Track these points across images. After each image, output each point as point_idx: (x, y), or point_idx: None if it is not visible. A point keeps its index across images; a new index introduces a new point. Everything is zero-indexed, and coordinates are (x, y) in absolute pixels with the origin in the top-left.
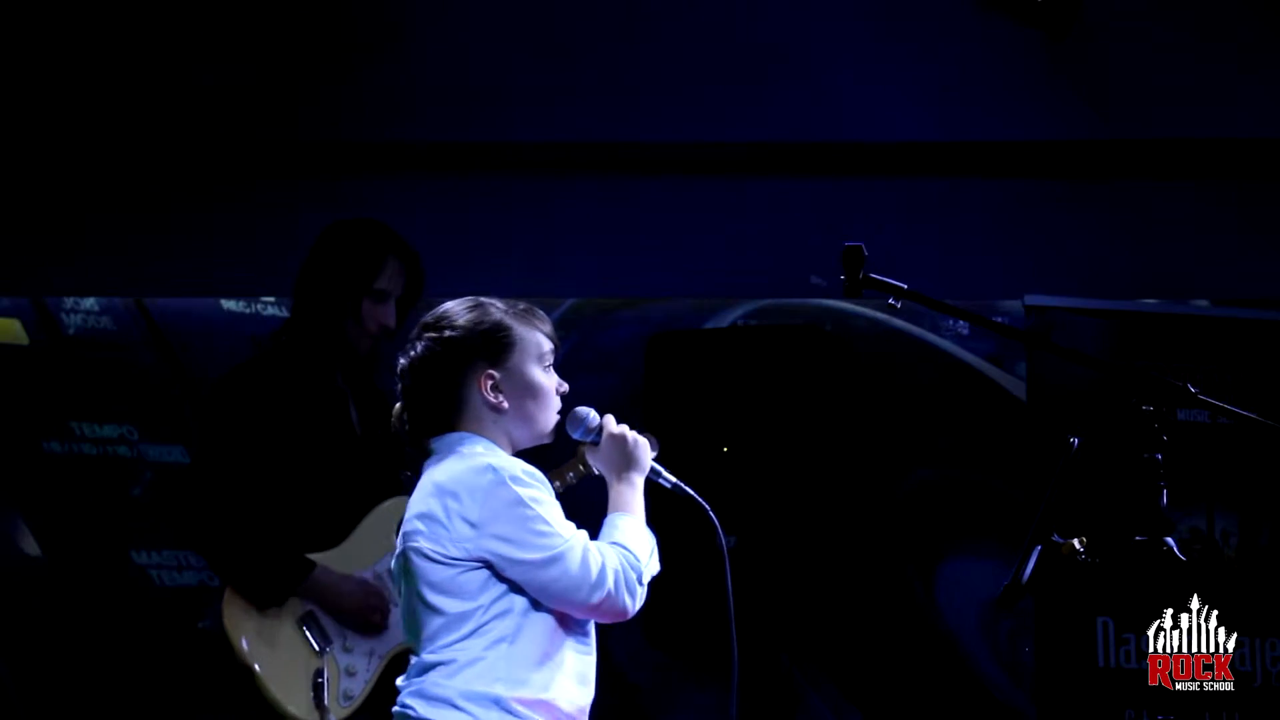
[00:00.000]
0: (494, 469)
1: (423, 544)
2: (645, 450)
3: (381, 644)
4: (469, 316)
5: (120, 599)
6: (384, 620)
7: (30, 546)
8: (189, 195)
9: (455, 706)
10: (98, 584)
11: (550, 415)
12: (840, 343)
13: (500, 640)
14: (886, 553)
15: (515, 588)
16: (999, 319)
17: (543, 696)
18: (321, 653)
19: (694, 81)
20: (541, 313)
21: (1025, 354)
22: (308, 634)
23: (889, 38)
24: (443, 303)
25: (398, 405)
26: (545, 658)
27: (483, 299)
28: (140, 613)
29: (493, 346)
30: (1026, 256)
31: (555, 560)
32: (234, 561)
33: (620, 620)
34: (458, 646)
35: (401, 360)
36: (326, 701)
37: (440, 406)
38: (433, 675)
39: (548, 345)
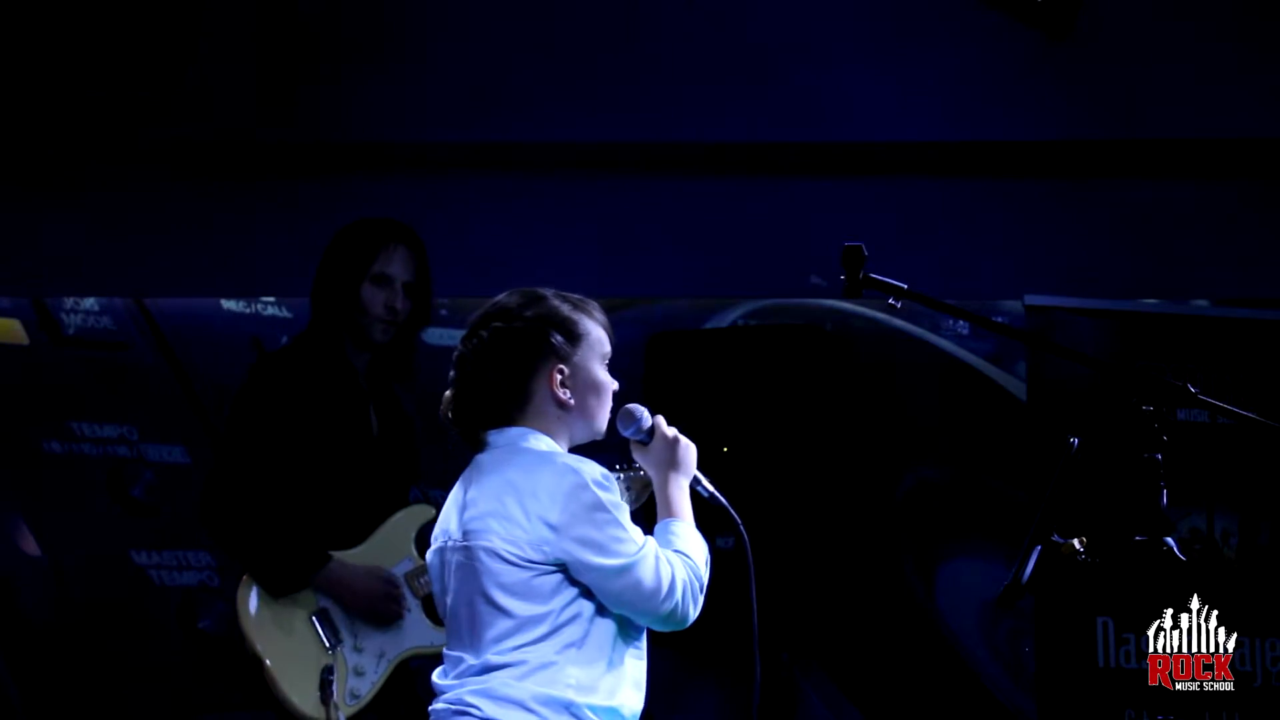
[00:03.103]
0: (576, 471)
1: (497, 544)
2: (693, 455)
3: (392, 646)
4: (540, 309)
5: (120, 599)
6: (400, 609)
7: (30, 546)
8: (189, 195)
9: (527, 709)
10: (98, 584)
11: (606, 413)
12: (840, 343)
13: (570, 645)
14: (886, 552)
15: (585, 592)
16: (999, 319)
17: (610, 703)
18: (331, 650)
19: (694, 81)
20: (599, 306)
21: (1025, 354)
22: (319, 630)
23: (889, 37)
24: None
25: (448, 394)
26: (610, 664)
27: (540, 290)
28: (140, 613)
29: (564, 341)
30: (1026, 256)
31: (630, 569)
32: (254, 549)
33: (680, 629)
34: (529, 649)
35: (462, 348)
36: (334, 699)
37: (503, 398)
38: (501, 675)
39: (608, 344)
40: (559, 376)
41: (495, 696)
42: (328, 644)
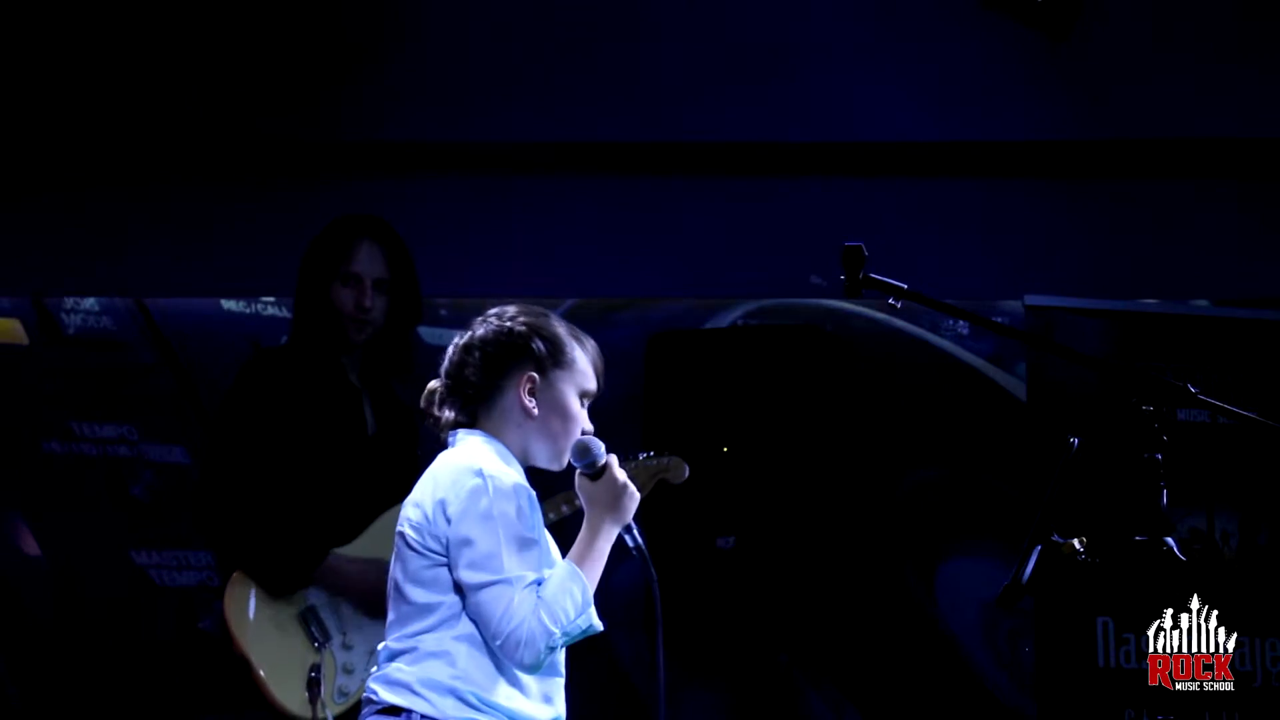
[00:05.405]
0: (483, 474)
1: (408, 531)
2: (633, 505)
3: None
4: (535, 320)
5: (120, 599)
6: None
7: (30, 546)
8: (189, 195)
9: (413, 692)
10: (98, 584)
11: (568, 444)
12: (840, 343)
13: (464, 638)
14: (886, 553)
15: None
16: (999, 319)
17: (508, 705)
18: (320, 648)
19: (694, 81)
20: (598, 350)
21: (1025, 354)
22: (308, 628)
23: (889, 38)
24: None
25: (434, 381)
26: (507, 670)
27: (551, 313)
28: (140, 613)
29: (547, 356)
30: (1026, 256)
31: (483, 588)
32: (250, 549)
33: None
34: (422, 636)
35: (456, 339)
36: (321, 696)
37: (474, 392)
38: (397, 662)
39: (592, 383)
40: (529, 384)
41: (389, 681)
42: (315, 642)
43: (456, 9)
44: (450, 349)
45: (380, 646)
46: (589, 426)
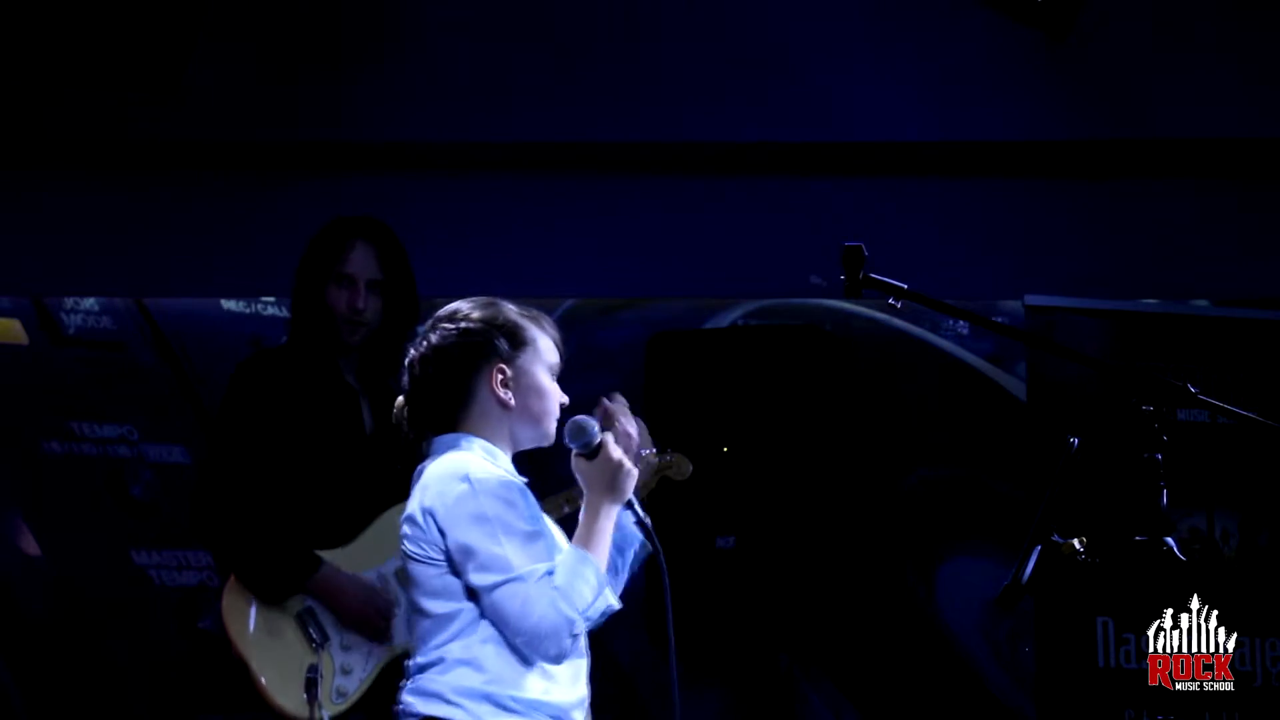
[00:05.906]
0: (469, 479)
1: (408, 546)
2: (631, 482)
3: (381, 645)
4: (486, 313)
5: (120, 599)
6: (387, 626)
7: (30, 546)
8: (189, 195)
9: (447, 701)
10: (98, 584)
11: (552, 420)
12: (840, 343)
13: (488, 640)
14: (886, 553)
15: None
16: (999, 319)
17: (543, 698)
18: (318, 649)
19: (694, 81)
20: (552, 322)
21: (1025, 354)
22: (306, 629)
23: (889, 38)
24: (450, 302)
25: (400, 398)
26: (535, 663)
27: (497, 299)
28: (140, 613)
29: (507, 344)
30: (1026, 256)
31: (496, 588)
32: (243, 555)
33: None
34: (447, 646)
35: (412, 351)
36: (319, 697)
37: (447, 399)
38: (428, 673)
39: (556, 356)
40: (499, 377)
41: (423, 693)
42: (314, 643)
43: (456, 9)
44: (408, 362)
45: (407, 662)
46: (564, 398)
